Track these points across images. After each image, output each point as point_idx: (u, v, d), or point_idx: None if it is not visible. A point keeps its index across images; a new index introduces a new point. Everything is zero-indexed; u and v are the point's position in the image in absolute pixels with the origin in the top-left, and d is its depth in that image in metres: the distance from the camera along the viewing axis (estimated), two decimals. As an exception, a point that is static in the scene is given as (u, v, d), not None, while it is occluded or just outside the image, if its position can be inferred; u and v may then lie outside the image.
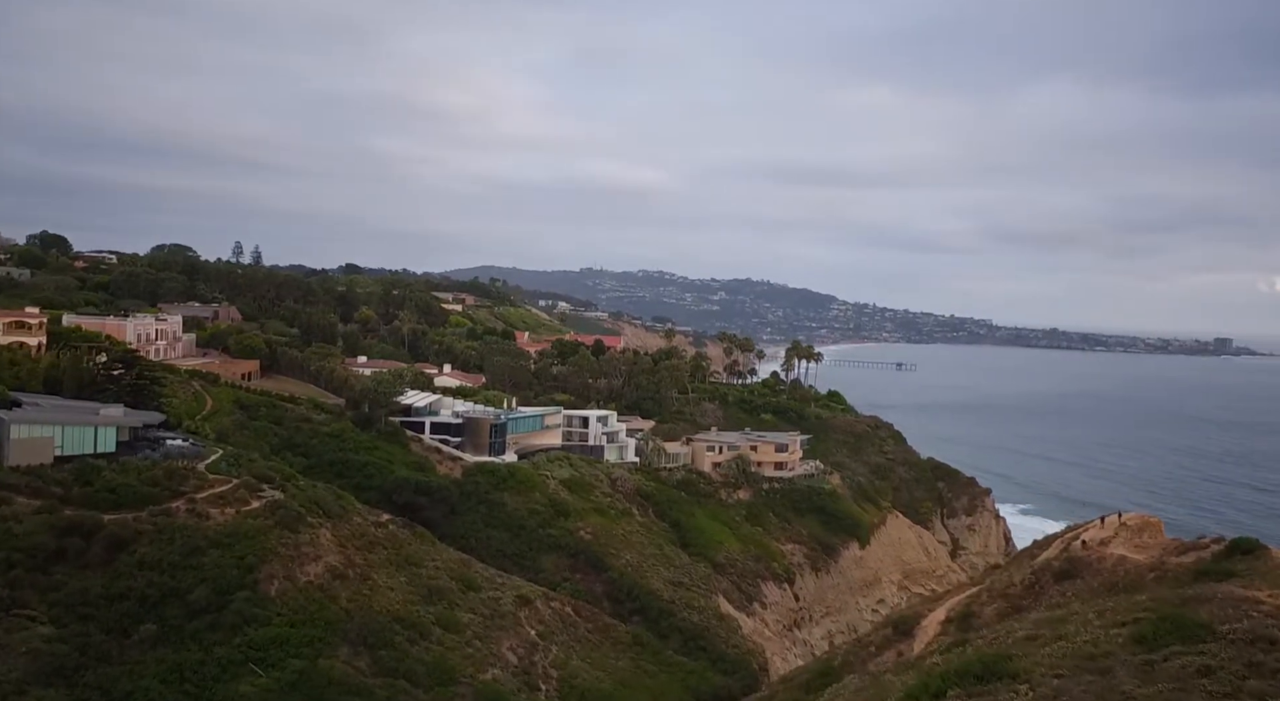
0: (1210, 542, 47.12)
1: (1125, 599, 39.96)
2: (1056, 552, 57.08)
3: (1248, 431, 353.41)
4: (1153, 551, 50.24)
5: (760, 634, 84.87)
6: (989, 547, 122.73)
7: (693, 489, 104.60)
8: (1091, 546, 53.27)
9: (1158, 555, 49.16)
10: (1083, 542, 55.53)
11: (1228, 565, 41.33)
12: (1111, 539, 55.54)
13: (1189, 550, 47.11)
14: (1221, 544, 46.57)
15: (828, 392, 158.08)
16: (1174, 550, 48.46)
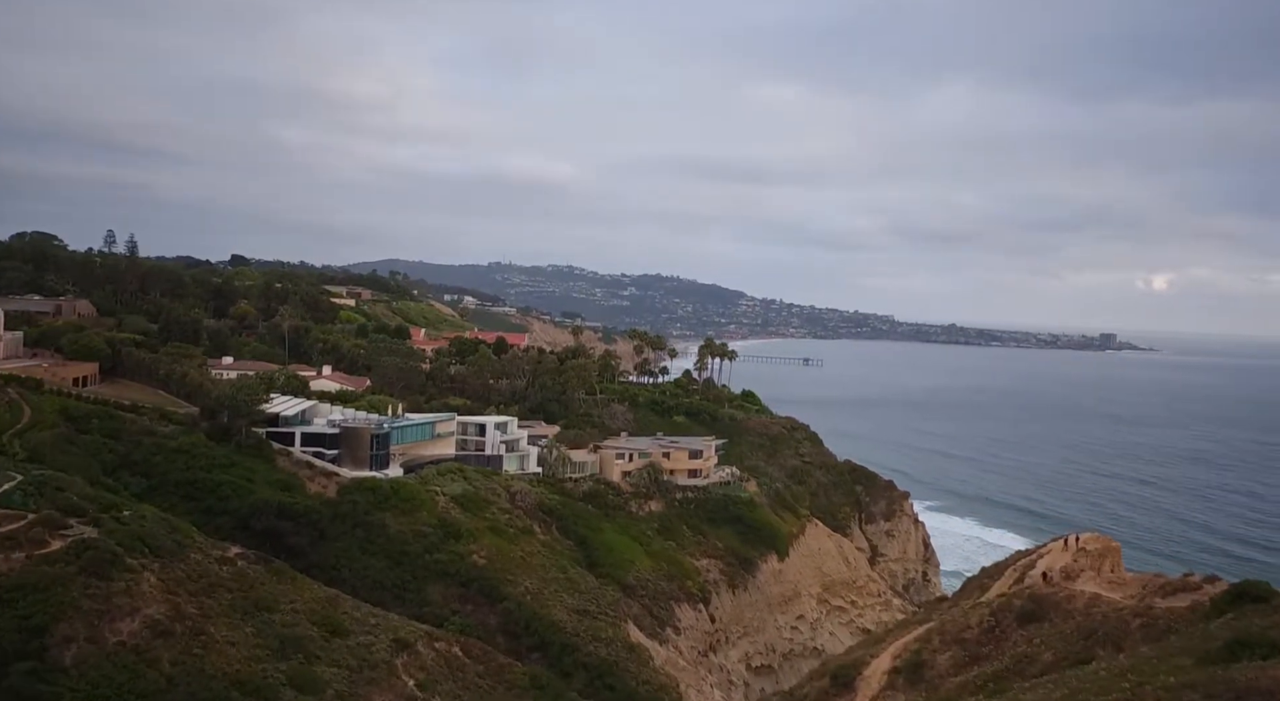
0: (1201, 582, 40.27)
1: (1120, 664, 32.42)
2: (1014, 586, 49.87)
3: (1130, 426, 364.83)
4: (1130, 589, 43.24)
5: (674, 664, 76.34)
6: (908, 554, 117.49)
7: (601, 501, 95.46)
8: (1055, 580, 46.07)
9: (1138, 594, 42.13)
10: (1044, 575, 48.47)
11: (1238, 619, 34.25)
12: (1074, 569, 48.60)
13: (1177, 591, 40.12)
14: (1215, 583, 39.74)
15: (742, 392, 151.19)
16: (1157, 590, 41.47)
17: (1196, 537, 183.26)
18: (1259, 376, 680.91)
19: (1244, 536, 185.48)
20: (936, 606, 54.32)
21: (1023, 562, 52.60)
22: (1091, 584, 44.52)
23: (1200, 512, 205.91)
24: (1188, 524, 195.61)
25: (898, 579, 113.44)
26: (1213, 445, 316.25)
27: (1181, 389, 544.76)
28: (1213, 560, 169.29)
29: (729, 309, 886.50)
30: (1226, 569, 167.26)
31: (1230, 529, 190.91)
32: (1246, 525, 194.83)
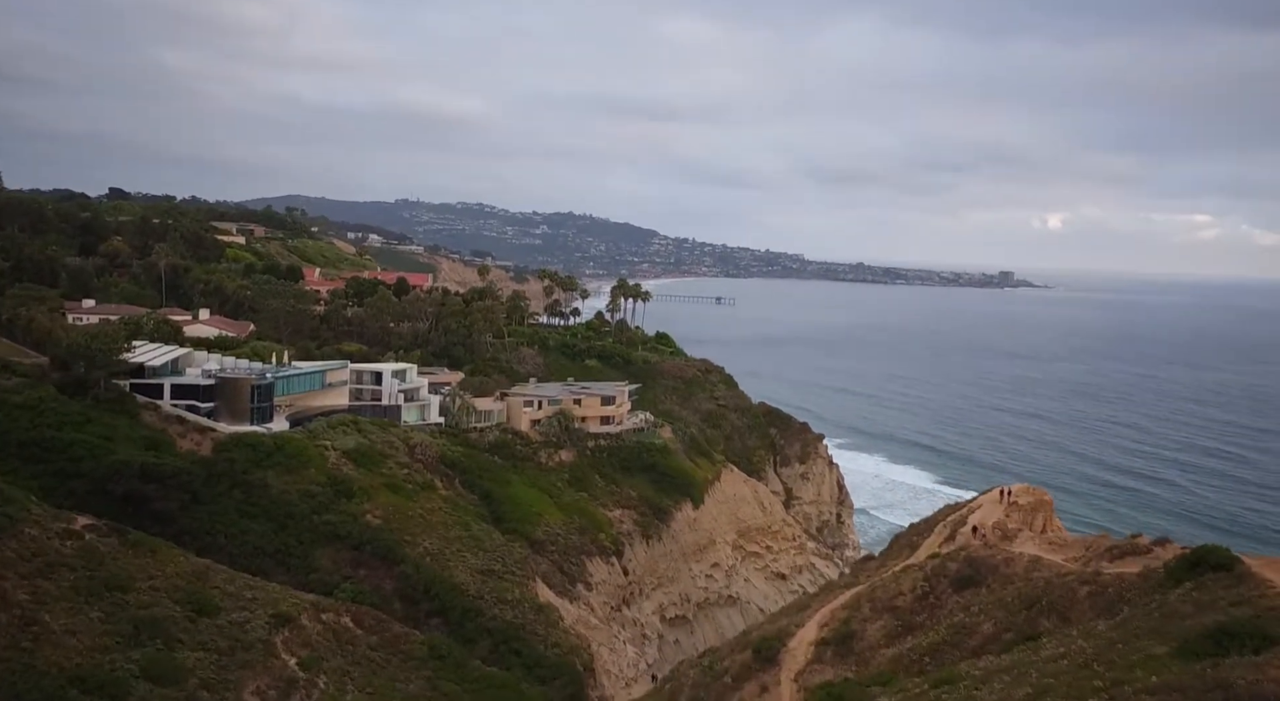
0: (1151, 544, 37.07)
1: (1080, 649, 28.69)
2: (945, 544, 46.38)
3: (1024, 361, 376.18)
4: (1072, 551, 39.95)
5: (585, 623, 72.10)
6: (822, 496, 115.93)
7: (508, 452, 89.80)
8: (990, 540, 42.56)
9: (1081, 557, 38.83)
10: (974, 529, 45.02)
11: (1199, 591, 30.90)
12: (1006, 525, 45.27)
13: (1125, 554, 36.83)
14: (1166, 546, 36.56)
15: (656, 334, 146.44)
16: (1102, 553, 38.20)
17: (1084, 470, 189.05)
18: (1143, 312, 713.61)
19: (1129, 467, 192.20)
20: (864, 567, 50.84)
21: (952, 518, 49.27)
22: (1030, 544, 41.19)
23: (1088, 445, 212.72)
24: (1076, 456, 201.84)
25: (812, 521, 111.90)
26: (1100, 379, 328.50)
27: (1072, 324, 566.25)
28: (1100, 491, 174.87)
29: (642, 248, 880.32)
30: (1112, 499, 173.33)
31: (1116, 460, 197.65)
32: (1131, 457, 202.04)
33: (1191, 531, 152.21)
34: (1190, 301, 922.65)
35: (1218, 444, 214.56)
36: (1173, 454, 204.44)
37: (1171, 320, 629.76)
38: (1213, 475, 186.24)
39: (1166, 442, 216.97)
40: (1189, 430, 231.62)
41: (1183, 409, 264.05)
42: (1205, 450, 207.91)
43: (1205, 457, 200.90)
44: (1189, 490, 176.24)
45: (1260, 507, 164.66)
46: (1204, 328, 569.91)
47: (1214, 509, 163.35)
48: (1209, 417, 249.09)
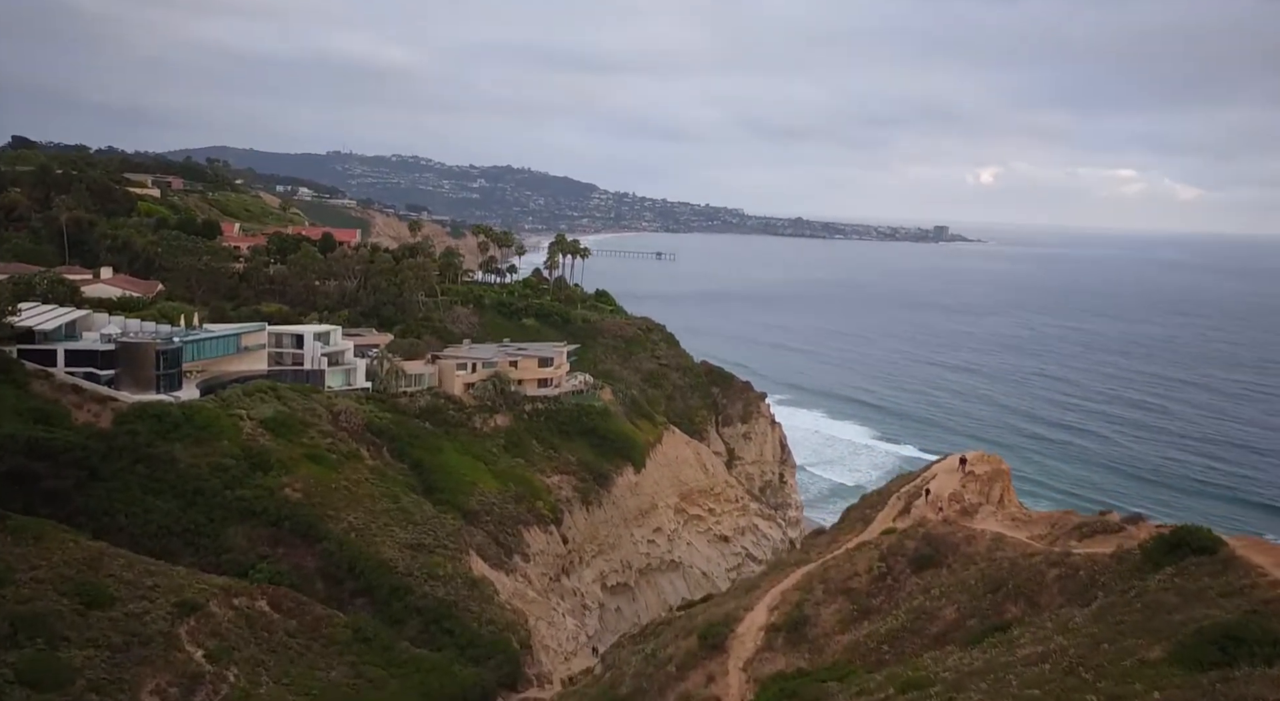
0: (1123, 522, 34.48)
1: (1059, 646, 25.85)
2: (899, 517, 43.58)
3: (957, 315, 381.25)
4: (1037, 528, 37.32)
5: (522, 596, 68.59)
6: (765, 456, 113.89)
7: (440, 417, 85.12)
8: (948, 514, 39.77)
9: (1047, 535, 36.20)
10: (925, 492, 42.27)
11: (1181, 576, 28.30)
12: (964, 496, 42.60)
13: (1095, 533, 34.21)
14: (1139, 525, 34.00)
15: (595, 292, 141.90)
16: (1070, 531, 35.58)
17: (1015, 423, 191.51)
18: (1070, 265, 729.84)
19: (1058, 420, 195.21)
20: (814, 543, 47.94)
21: (906, 489, 46.52)
22: (992, 520, 38.50)
23: (1018, 398, 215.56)
24: (1008, 410, 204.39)
25: (755, 481, 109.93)
26: (1029, 332, 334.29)
27: (1003, 278, 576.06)
28: (1031, 444, 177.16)
29: (581, 202, 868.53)
30: (1042, 452, 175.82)
31: (1045, 413, 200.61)
32: (1060, 410, 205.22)
33: (1118, 483, 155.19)
34: (1115, 255, 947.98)
35: (1141, 395, 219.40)
36: (1099, 406, 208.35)
37: (1097, 273, 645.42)
38: (1137, 427, 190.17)
39: (1093, 395, 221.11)
40: (1115, 382, 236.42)
41: (1108, 361, 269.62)
42: (1130, 402, 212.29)
43: (1130, 409, 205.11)
44: (1115, 442, 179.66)
45: (1181, 458, 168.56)
46: (1128, 280, 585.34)
47: (1138, 460, 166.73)
48: (1134, 369, 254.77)
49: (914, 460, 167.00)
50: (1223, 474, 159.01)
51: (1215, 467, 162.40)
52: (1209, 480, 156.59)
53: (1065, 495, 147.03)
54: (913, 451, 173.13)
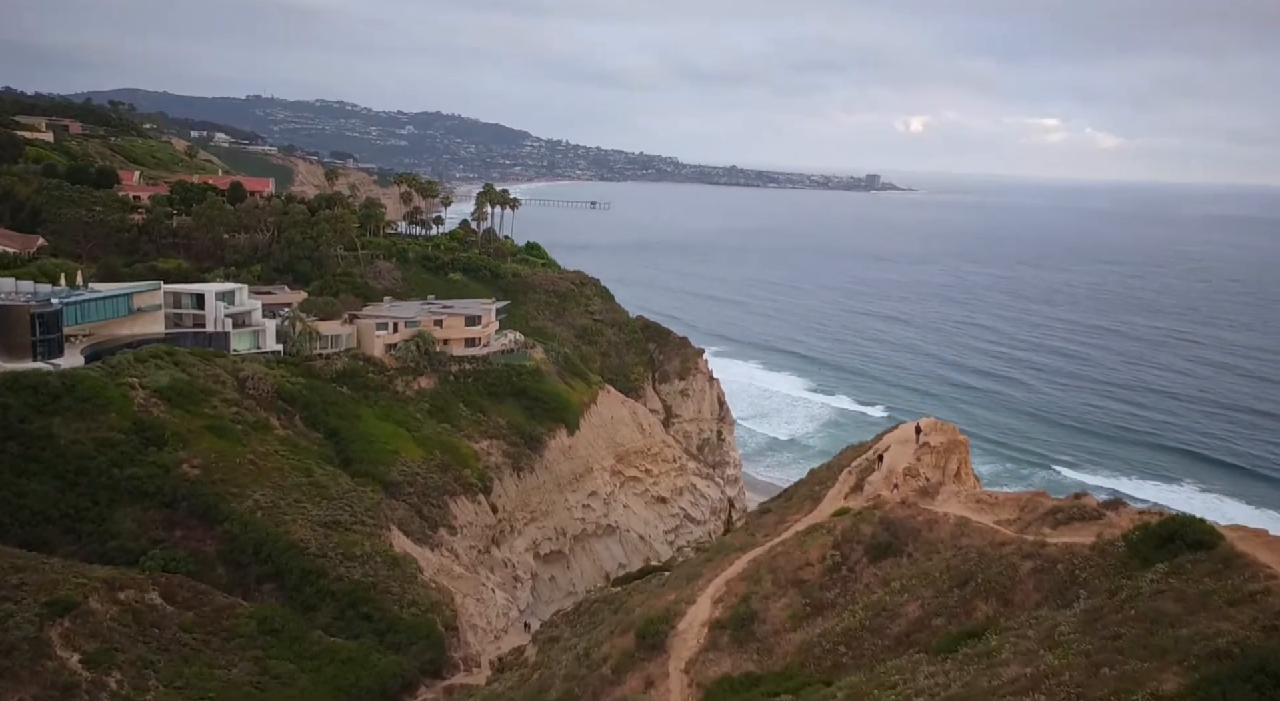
0: (1101, 508, 31.06)
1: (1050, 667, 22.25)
2: (851, 495, 39.91)
3: (886, 263, 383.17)
4: (1005, 512, 33.83)
5: (448, 572, 64.02)
6: (702, 413, 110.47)
7: (359, 381, 79.17)
8: (909, 498, 36.17)
9: (1017, 520, 32.73)
10: (878, 459, 38.64)
11: (1178, 576, 24.94)
12: (919, 470, 39.09)
13: (1071, 519, 30.73)
14: (1119, 510, 30.63)
15: (526, 244, 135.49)
16: (1042, 516, 32.12)
17: (943, 373, 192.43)
18: (997, 214, 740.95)
19: (985, 369, 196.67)
20: (760, 523, 44.09)
21: (858, 463, 42.86)
22: (955, 502, 34.97)
23: (946, 348, 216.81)
24: (936, 359, 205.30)
25: (692, 440, 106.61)
26: (956, 280, 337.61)
27: (933, 227, 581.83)
28: (959, 394, 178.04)
29: (514, 150, 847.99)
30: (970, 401, 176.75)
31: (973, 362, 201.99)
32: (987, 358, 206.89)
33: (1044, 431, 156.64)
34: (1039, 203, 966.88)
35: (1065, 344, 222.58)
36: (1025, 354, 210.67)
37: (1023, 222, 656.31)
38: (1061, 375, 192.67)
39: (1019, 343, 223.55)
40: (1039, 331, 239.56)
41: (1034, 310, 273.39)
42: (1054, 350, 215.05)
43: (1054, 358, 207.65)
44: (1040, 390, 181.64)
45: (1101, 404, 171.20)
46: (1053, 229, 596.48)
47: (1062, 408, 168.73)
48: (1058, 317, 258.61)
49: (848, 413, 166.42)
50: (1144, 420, 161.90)
51: (1137, 414, 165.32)
52: (1130, 427, 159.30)
53: (994, 444, 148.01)
54: (847, 403, 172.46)
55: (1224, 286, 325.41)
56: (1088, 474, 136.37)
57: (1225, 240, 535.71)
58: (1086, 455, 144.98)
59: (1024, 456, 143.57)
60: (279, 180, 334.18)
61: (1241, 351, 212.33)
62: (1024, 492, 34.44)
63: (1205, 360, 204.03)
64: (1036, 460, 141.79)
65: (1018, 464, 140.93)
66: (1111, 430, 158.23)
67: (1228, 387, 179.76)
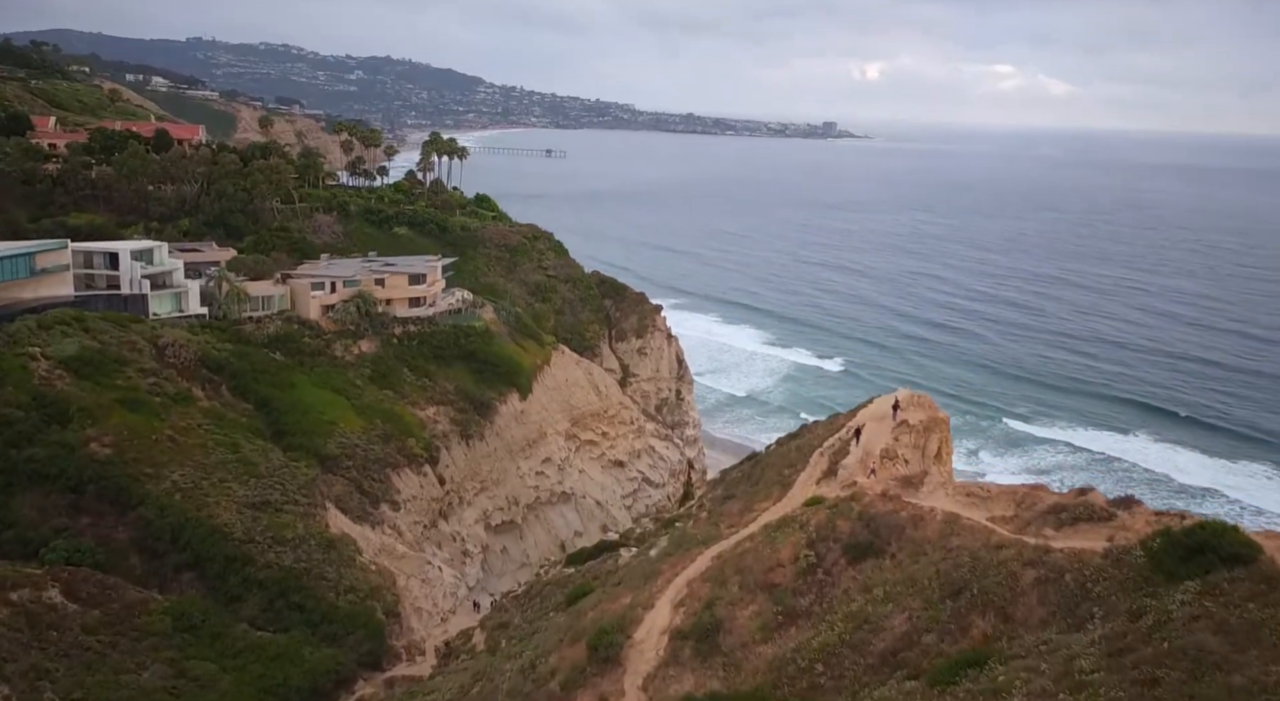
0: (1111, 507, 27.15)
1: None
2: (824, 480, 35.86)
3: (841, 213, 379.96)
4: (999, 507, 29.85)
5: (390, 552, 59.43)
6: (661, 372, 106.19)
7: (293, 346, 73.25)
8: (890, 489, 32.15)
9: (1013, 519, 28.78)
10: (853, 439, 34.63)
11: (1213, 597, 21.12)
12: (897, 452, 35.08)
13: (1077, 520, 26.82)
14: (1133, 509, 26.79)
15: (476, 196, 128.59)
16: (1042, 514, 28.17)
17: (897, 325, 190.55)
18: (951, 161, 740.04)
19: (939, 321, 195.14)
20: (725, 512, 39.91)
21: (830, 443, 38.82)
22: (942, 495, 31.00)
23: (900, 299, 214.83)
24: (890, 311, 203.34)
25: (650, 399, 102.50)
26: (911, 230, 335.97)
27: (888, 175, 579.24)
28: (913, 346, 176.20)
29: (467, 97, 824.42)
30: (924, 353, 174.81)
31: (927, 314, 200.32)
32: (941, 310, 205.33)
33: (998, 384, 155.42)
34: (994, 151, 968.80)
35: (1017, 294, 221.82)
36: (978, 306, 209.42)
37: (977, 170, 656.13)
38: (1013, 325, 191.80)
39: (973, 294, 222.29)
40: (992, 281, 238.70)
41: (988, 260, 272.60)
42: (1008, 301, 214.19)
43: (1007, 309, 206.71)
44: (993, 341, 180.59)
45: (1051, 355, 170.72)
46: (1005, 177, 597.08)
47: (1014, 359, 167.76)
48: (1011, 267, 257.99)
49: (806, 367, 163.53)
50: (1096, 371, 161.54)
51: (1089, 365, 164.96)
52: (1082, 377, 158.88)
53: (949, 398, 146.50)
54: (804, 357, 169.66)
55: (1171, 234, 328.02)
56: (1041, 426, 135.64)
57: (1173, 188, 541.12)
58: (1040, 407, 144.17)
59: (979, 410, 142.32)
60: (221, 127, 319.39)
61: (1189, 300, 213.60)
62: (1020, 486, 30.54)
63: (1154, 309, 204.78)
64: (991, 413, 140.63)
65: (975, 417, 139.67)
66: (1065, 381, 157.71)
67: (1177, 337, 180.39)
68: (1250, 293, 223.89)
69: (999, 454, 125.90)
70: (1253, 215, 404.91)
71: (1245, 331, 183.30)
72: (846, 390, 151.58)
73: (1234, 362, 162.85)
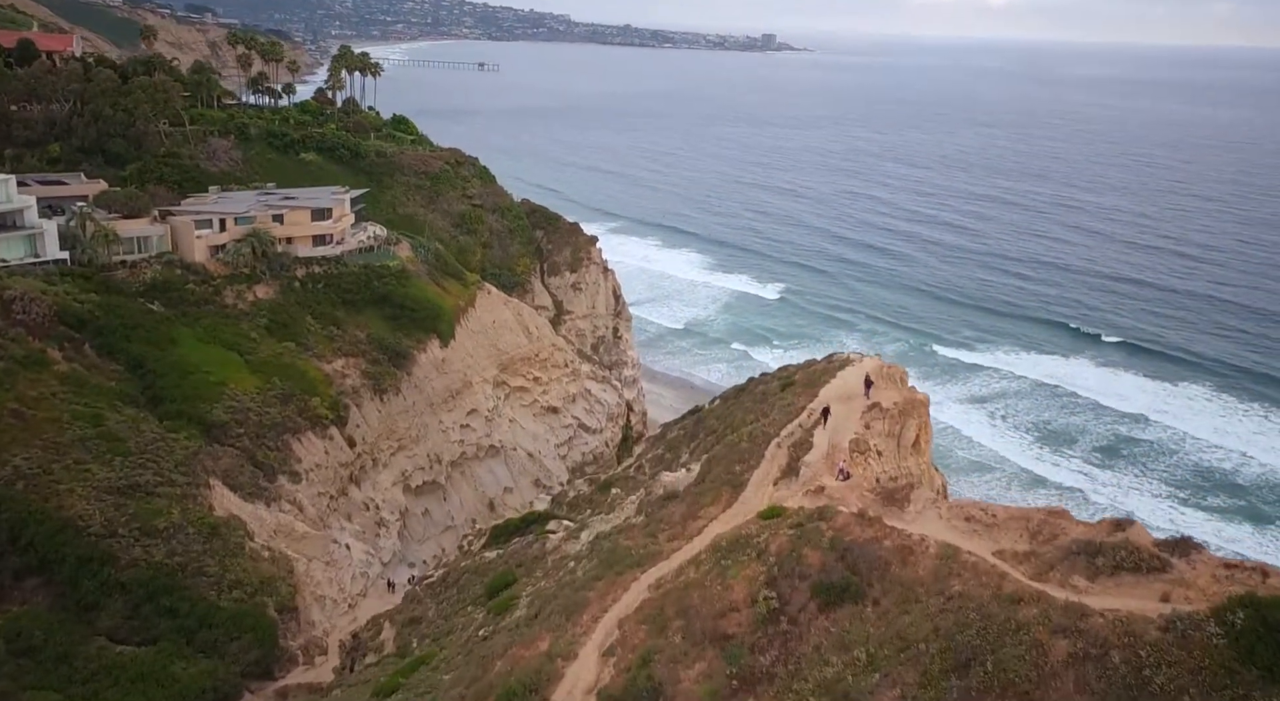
0: (1159, 550, 20.68)
1: None
2: (783, 481, 28.96)
3: (783, 130, 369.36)
4: (1007, 537, 23.13)
5: (289, 532, 51.67)
6: (597, 308, 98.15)
7: (174, 295, 63.29)
8: (869, 510, 25.23)
9: (1027, 556, 22.21)
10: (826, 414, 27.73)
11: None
12: (870, 444, 28.24)
13: (1116, 567, 20.34)
14: (1190, 557, 20.32)
15: (393, 118, 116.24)
16: (1069, 553, 21.60)
17: (832, 248, 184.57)
18: (892, 75, 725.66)
19: (875, 244, 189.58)
20: (664, 520, 32.57)
21: (789, 431, 31.92)
22: (934, 517, 24.35)
23: (835, 221, 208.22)
24: (825, 233, 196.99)
25: (586, 338, 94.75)
26: (849, 147, 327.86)
27: (826, 89, 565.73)
28: (848, 270, 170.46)
29: (395, 5, 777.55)
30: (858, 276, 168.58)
31: (863, 237, 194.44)
32: (877, 232, 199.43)
33: (937, 309, 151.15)
34: (933, 63, 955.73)
35: (954, 215, 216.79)
36: (914, 227, 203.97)
37: (915, 83, 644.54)
38: (951, 248, 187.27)
39: (909, 215, 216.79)
40: (929, 201, 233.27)
41: (924, 178, 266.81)
42: (943, 222, 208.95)
43: (943, 230, 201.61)
44: (929, 264, 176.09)
45: (987, 277, 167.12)
46: (943, 90, 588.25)
47: (951, 283, 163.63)
48: (947, 187, 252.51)
49: (744, 296, 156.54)
50: (1032, 295, 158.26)
51: (1026, 289, 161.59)
52: (1019, 301, 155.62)
53: (888, 325, 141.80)
54: (741, 284, 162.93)
55: (1105, 150, 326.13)
56: (981, 353, 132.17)
57: (1108, 102, 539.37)
58: (979, 332, 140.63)
59: (916, 337, 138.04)
60: (126, 36, 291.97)
61: (1124, 218, 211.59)
62: (1035, 510, 23.85)
63: (1089, 228, 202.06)
64: (928, 339, 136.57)
65: (912, 344, 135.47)
66: (1002, 306, 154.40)
67: (1112, 257, 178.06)
68: (1181, 209, 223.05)
69: (940, 382, 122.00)
70: (1184, 127, 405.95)
71: (1178, 251, 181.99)
72: (786, 319, 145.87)
73: (1167, 282, 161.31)
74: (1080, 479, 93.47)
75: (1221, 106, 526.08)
